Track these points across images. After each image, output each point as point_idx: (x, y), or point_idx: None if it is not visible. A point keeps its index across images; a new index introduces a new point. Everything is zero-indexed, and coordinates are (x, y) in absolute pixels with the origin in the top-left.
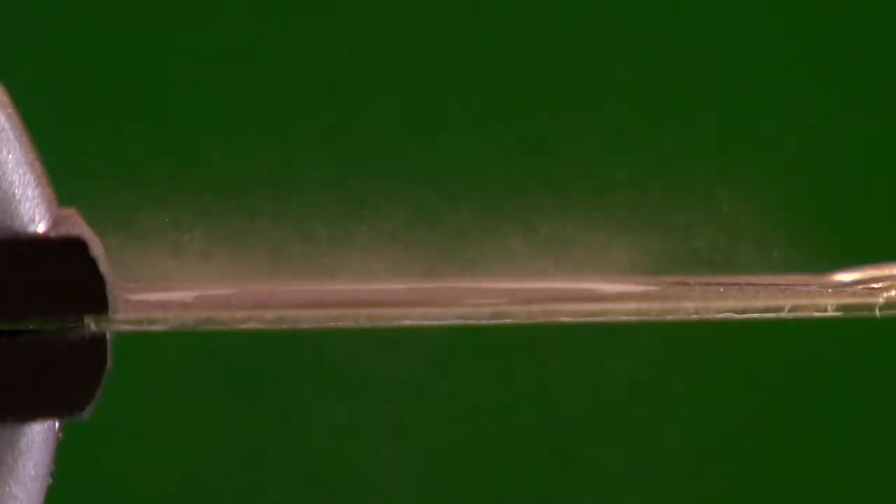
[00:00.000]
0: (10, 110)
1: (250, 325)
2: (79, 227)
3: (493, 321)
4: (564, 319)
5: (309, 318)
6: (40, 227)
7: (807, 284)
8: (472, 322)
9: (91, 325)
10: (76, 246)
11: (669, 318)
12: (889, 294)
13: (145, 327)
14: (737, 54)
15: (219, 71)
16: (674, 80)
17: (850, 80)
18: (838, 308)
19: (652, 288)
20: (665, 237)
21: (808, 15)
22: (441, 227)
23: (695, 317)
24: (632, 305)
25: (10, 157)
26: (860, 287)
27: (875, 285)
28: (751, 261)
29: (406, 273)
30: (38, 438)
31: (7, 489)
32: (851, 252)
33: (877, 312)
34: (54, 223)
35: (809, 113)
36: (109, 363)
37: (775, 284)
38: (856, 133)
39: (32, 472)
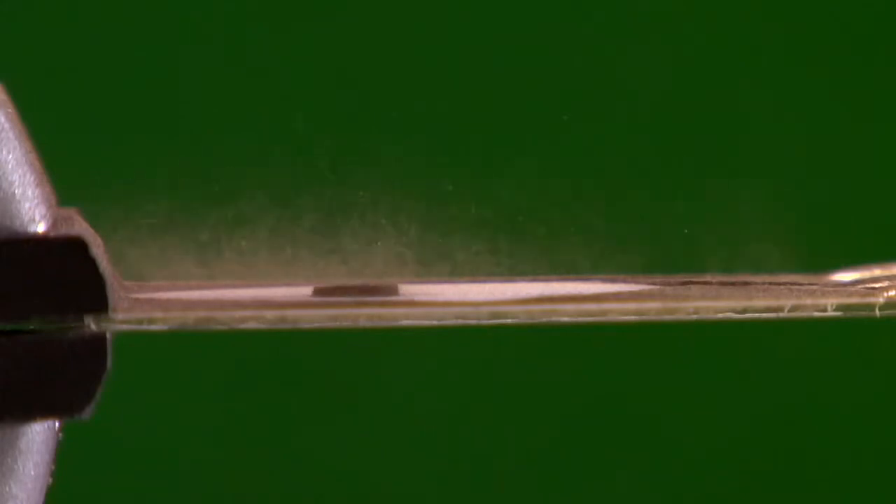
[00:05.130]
0: (10, 110)
1: (250, 325)
2: (79, 226)
3: (493, 321)
4: (564, 319)
5: (309, 318)
6: (40, 227)
7: (807, 284)
8: (472, 322)
9: (91, 325)
10: (76, 246)
11: (669, 318)
12: (889, 294)
13: (145, 327)
14: (737, 54)
15: (219, 71)
16: (673, 80)
17: (850, 79)
18: (838, 308)
19: (652, 288)
20: (664, 237)
21: (808, 14)
22: (441, 227)
23: (695, 317)
24: (632, 305)
25: (10, 157)
26: (860, 287)
27: (875, 285)
28: (751, 261)
29: (405, 273)
30: (38, 438)
31: (7, 489)
32: (851, 252)
33: (877, 312)
34: (54, 223)
35: (809, 112)
36: (109, 363)
37: (775, 284)
38: (856, 133)
39: (32, 472)
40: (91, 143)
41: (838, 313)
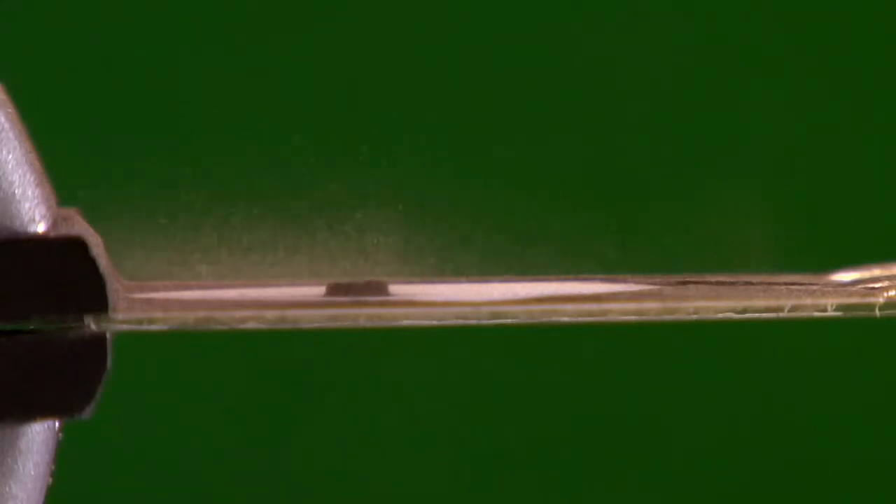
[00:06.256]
0: (10, 110)
1: (250, 325)
2: (79, 226)
3: (493, 321)
4: (564, 319)
5: (309, 318)
6: (40, 227)
7: (807, 284)
8: (472, 322)
9: (91, 324)
10: (76, 246)
11: (669, 318)
12: (889, 294)
13: (145, 327)
14: (737, 54)
15: (219, 71)
16: (674, 80)
17: (850, 80)
18: (838, 308)
19: (652, 288)
20: (664, 237)
21: (808, 14)
22: (441, 227)
23: (695, 317)
24: (632, 305)
25: (10, 157)
26: (860, 287)
27: (875, 285)
28: (751, 261)
29: (407, 272)
30: (38, 438)
31: (7, 489)
32: (851, 252)
33: (877, 312)
34: (54, 223)
35: (809, 113)
36: (109, 363)
37: (775, 284)
38: (856, 133)
39: (32, 472)
40: (91, 143)
41: (838, 313)
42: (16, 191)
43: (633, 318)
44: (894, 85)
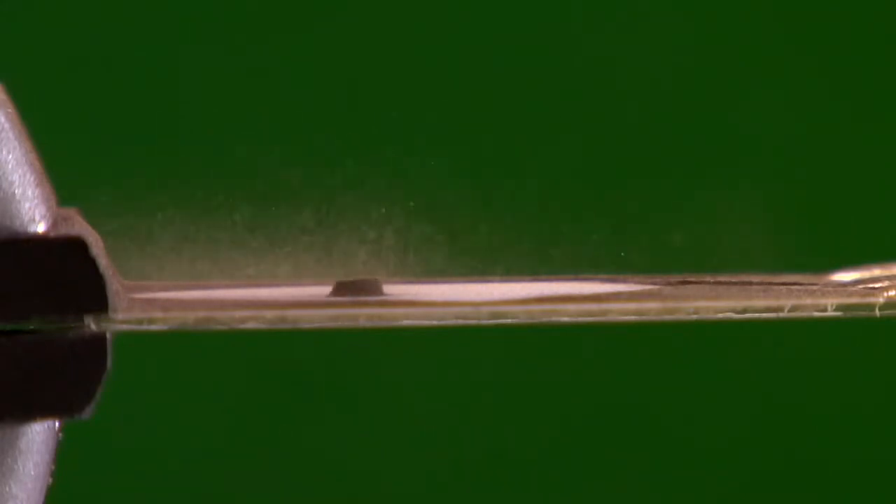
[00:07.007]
0: (10, 110)
1: (250, 325)
2: (79, 226)
3: (493, 321)
4: (564, 319)
5: (309, 318)
6: (40, 227)
7: (807, 284)
8: (472, 322)
9: (91, 324)
10: (76, 245)
11: (669, 318)
12: (889, 294)
13: (145, 327)
14: (736, 54)
15: (219, 71)
16: (674, 81)
17: (850, 80)
18: (838, 308)
19: (652, 288)
20: (664, 237)
21: (807, 14)
22: (441, 227)
23: (695, 317)
24: (632, 305)
25: (10, 157)
26: (860, 287)
27: (875, 285)
28: (751, 261)
29: (407, 273)
30: (38, 438)
31: (7, 489)
32: (851, 252)
33: (877, 312)
34: (54, 223)
35: (809, 113)
36: (109, 363)
37: (775, 284)
38: (856, 134)
39: (32, 472)
40: (91, 143)
41: (838, 313)
42: (16, 191)
43: (633, 318)
44: (894, 85)
